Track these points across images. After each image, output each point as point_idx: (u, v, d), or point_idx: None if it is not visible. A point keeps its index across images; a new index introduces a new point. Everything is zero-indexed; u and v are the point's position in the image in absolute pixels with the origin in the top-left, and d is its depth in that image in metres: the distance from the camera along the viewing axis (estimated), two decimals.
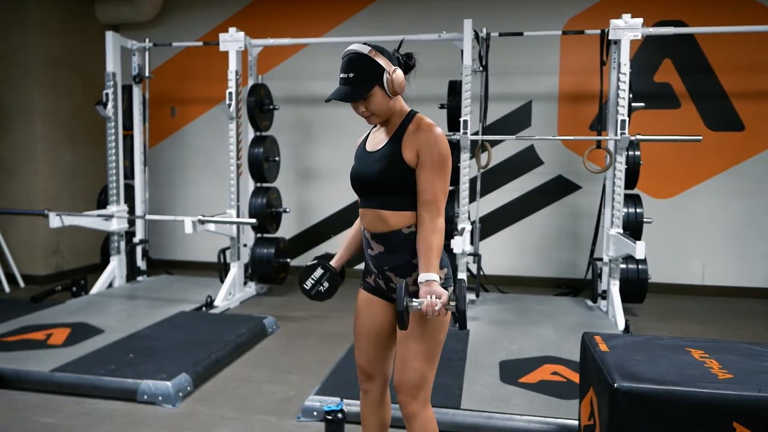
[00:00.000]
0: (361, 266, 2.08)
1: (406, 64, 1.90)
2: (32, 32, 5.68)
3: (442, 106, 5.12)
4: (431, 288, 1.68)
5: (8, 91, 5.74)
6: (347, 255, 2.07)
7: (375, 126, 1.93)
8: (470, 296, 4.94)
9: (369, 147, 1.89)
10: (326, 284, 1.95)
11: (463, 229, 4.49)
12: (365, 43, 1.81)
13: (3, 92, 5.75)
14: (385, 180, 1.80)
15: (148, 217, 5.46)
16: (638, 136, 4.56)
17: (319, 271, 1.92)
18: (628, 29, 4.52)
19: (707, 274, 5.74)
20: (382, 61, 1.77)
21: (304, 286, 1.97)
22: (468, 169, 4.77)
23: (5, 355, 3.33)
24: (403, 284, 1.67)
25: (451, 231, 4.82)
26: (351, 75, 1.77)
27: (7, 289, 5.55)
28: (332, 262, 2.02)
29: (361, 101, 1.77)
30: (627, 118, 4.50)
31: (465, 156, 4.73)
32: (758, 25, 4.90)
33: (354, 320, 2.00)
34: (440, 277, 1.83)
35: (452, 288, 1.76)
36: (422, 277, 1.70)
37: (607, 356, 1.90)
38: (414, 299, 1.67)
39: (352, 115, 1.83)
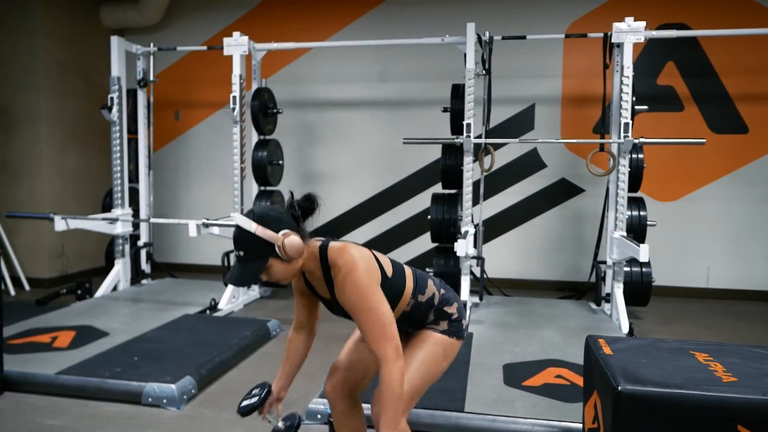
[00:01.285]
0: None
1: (305, 208, 1.78)
2: (38, 36, 5.72)
3: (445, 110, 5.13)
4: None
5: (14, 94, 5.78)
6: (288, 381, 2.05)
7: None
8: (474, 299, 4.94)
9: (320, 292, 1.87)
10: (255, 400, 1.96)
11: (466, 233, 4.49)
12: (251, 212, 1.73)
13: (9, 95, 5.78)
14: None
15: (152, 220, 5.48)
16: (641, 139, 4.56)
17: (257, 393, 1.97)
18: (630, 32, 4.52)
19: (712, 277, 5.73)
20: (269, 234, 1.68)
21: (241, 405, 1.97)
22: (471, 172, 4.78)
23: (11, 358, 3.34)
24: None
25: (454, 234, 4.84)
26: (242, 253, 1.70)
27: (12, 292, 5.58)
28: (273, 386, 2.02)
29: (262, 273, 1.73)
30: (630, 121, 4.49)
31: (468, 159, 4.73)
32: (761, 28, 4.89)
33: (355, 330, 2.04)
34: (451, 313, 1.91)
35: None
36: None
37: (611, 359, 1.90)
38: None
39: (355, 119, 1.84)
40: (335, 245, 1.78)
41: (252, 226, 1.68)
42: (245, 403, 1.95)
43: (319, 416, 2.80)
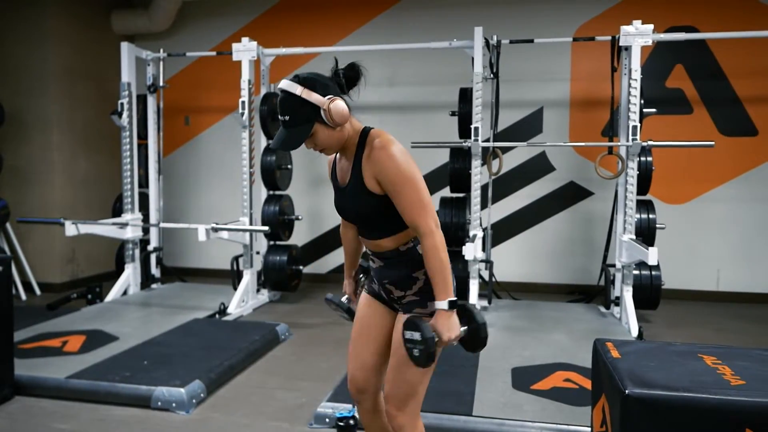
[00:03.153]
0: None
1: (348, 77, 1.77)
2: (49, 43, 5.78)
3: (453, 114, 5.13)
4: (443, 321, 1.66)
5: (25, 101, 5.84)
6: (352, 274, 2.13)
7: None
8: (482, 303, 4.93)
9: (339, 178, 1.84)
10: (346, 315, 2.10)
11: (474, 236, 4.49)
12: (296, 76, 1.69)
13: (20, 102, 5.84)
14: (364, 215, 1.78)
15: (162, 225, 5.52)
16: (650, 142, 4.54)
17: (333, 307, 2.10)
18: (638, 35, 4.51)
19: (722, 280, 5.69)
20: (315, 97, 1.65)
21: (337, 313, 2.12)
22: (479, 176, 4.78)
23: (22, 362, 3.37)
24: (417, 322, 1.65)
25: (462, 238, 4.83)
26: (287, 117, 1.66)
27: (23, 296, 5.63)
28: (346, 289, 2.12)
29: (307, 140, 1.70)
30: (639, 124, 4.48)
31: (476, 163, 4.74)
32: None
33: (353, 324, 1.99)
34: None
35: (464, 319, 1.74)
36: (435, 305, 1.68)
37: (619, 362, 1.90)
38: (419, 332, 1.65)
39: (363, 123, 1.84)
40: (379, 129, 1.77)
41: (297, 89, 1.64)
42: (340, 315, 2.11)
43: (327, 420, 2.80)
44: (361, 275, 2.13)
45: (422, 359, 1.65)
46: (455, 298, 1.70)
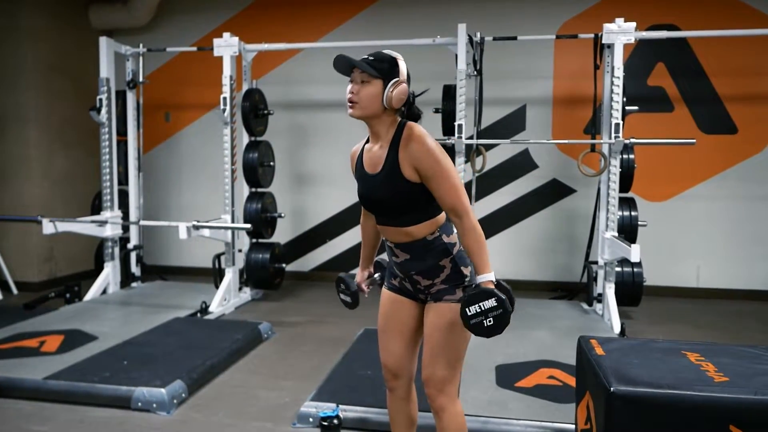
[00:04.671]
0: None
1: (412, 109, 1.91)
2: (26, 38, 5.67)
3: (436, 111, 5.12)
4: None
5: (1, 97, 5.72)
6: (367, 267, 2.21)
7: (367, 141, 1.95)
8: None
9: (368, 168, 1.91)
10: (348, 299, 2.17)
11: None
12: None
13: None
14: (396, 202, 1.84)
15: (142, 222, 5.44)
16: (632, 140, 4.57)
17: (342, 287, 2.17)
18: (621, 33, 4.54)
19: (702, 277, 5.75)
20: (401, 68, 1.83)
21: (340, 296, 2.20)
22: (463, 173, 4.77)
23: None
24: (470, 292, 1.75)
25: None
26: (371, 58, 1.82)
27: (0, 295, 5.52)
28: (357, 278, 2.18)
29: (359, 81, 1.80)
30: (621, 122, 4.51)
31: (460, 160, 4.73)
32: (750, 29, 4.93)
33: (379, 320, 2.04)
34: (465, 276, 1.90)
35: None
36: (478, 279, 1.81)
37: (603, 360, 1.90)
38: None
39: (346, 120, 1.84)
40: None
41: (394, 54, 1.84)
42: (343, 297, 2.18)
43: (310, 419, 2.78)
44: (376, 274, 2.19)
45: (497, 326, 1.75)
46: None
